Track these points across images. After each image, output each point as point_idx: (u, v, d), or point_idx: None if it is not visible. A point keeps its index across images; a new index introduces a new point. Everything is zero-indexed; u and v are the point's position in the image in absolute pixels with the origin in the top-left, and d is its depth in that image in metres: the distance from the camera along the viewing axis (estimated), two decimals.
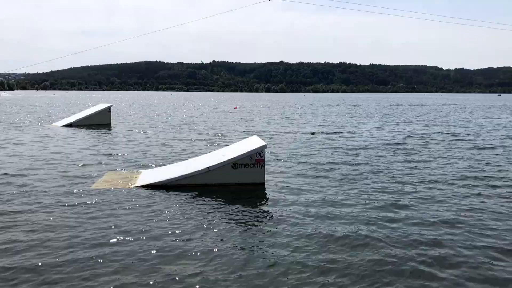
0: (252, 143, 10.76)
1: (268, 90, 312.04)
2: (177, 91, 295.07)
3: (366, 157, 14.21)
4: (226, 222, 7.28)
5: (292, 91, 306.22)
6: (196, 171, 9.79)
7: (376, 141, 18.89)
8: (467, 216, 7.66)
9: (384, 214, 7.71)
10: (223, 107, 56.95)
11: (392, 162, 13.25)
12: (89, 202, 8.23)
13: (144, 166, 12.26)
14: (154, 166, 12.25)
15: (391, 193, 9.24)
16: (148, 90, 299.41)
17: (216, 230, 6.86)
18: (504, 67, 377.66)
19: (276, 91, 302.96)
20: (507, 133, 23.06)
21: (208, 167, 9.79)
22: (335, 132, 22.60)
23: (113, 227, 6.89)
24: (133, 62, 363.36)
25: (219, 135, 21.36)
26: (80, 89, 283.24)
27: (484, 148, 16.52)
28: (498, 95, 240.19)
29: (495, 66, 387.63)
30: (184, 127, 25.90)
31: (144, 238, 6.45)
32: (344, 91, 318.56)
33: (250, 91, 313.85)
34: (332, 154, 14.86)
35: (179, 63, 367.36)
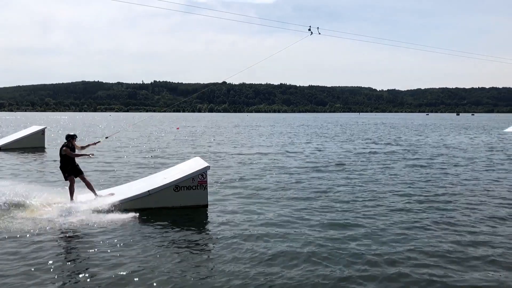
0: (195, 164, 10.69)
1: (211, 110, 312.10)
2: (116, 111, 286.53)
3: (310, 177, 14.57)
4: (166, 247, 7.12)
5: (235, 111, 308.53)
6: (136, 195, 9.53)
7: (319, 161, 19.47)
8: (406, 235, 8.08)
9: (327, 235, 7.90)
10: (164, 128, 56.04)
11: (335, 181, 13.67)
12: (20, 234, 7.68)
13: (82, 191, 11.68)
14: None
15: (335, 213, 9.49)
16: (85, 111, 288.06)
17: (154, 254, 6.70)
18: (431, 88, 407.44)
19: (219, 112, 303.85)
20: (438, 151, 24.71)
21: (148, 191, 9.57)
22: (279, 153, 23.02)
23: (44, 257, 6.50)
24: (70, 82, 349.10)
25: (161, 156, 20.97)
26: (11, 110, 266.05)
27: (421, 166, 17.55)
28: (427, 114, 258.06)
29: (423, 88, 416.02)
30: (124, 149, 25.15)
31: (80, 266, 6.15)
32: (285, 111, 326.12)
33: (193, 111, 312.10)
34: (276, 175, 15.09)
35: (118, 83, 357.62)
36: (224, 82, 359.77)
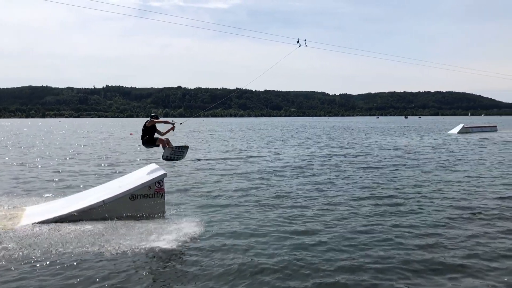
0: (151, 172, 10.40)
1: (166, 115, 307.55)
2: (66, 117, 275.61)
3: (269, 183, 14.54)
4: (120, 262, 6.80)
5: (191, 116, 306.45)
6: (89, 205, 9.09)
7: (277, 165, 19.57)
8: (360, 239, 8.24)
9: (288, 244, 7.83)
10: (118, 134, 54.45)
11: (293, 187, 13.72)
12: None
13: (29, 202, 11.04)
14: (41, 201, 11.09)
15: (294, 220, 9.45)
16: (33, 117, 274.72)
17: (108, 271, 6.41)
18: (380, 92, 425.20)
19: (175, 116, 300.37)
20: (390, 153, 25.58)
21: (103, 200, 9.17)
22: (237, 158, 22.92)
23: None
24: (15, 86, 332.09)
25: (115, 164, 20.29)
26: None
27: (374, 169, 18.09)
28: (377, 117, 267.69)
29: (373, 92, 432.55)
30: (75, 156, 24.12)
31: (32, 284, 5.77)
32: (242, 115, 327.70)
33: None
34: (235, 180, 14.98)
35: (68, 88, 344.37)
36: (179, 87, 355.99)
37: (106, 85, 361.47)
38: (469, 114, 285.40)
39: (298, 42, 12.62)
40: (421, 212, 9.93)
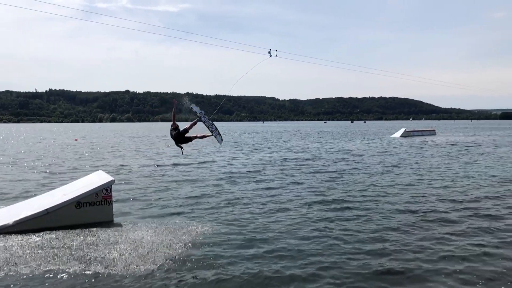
0: (98, 178, 10.10)
1: (113, 120, 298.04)
2: (4, 123, 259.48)
3: (222, 189, 14.48)
4: (69, 274, 6.51)
5: (139, 120, 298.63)
6: (32, 215, 8.65)
7: (230, 170, 19.54)
8: (318, 243, 8.42)
9: (239, 251, 7.91)
10: (62, 140, 52.01)
11: (247, 192, 13.78)
12: None
13: None
14: None
15: (243, 227, 9.44)
16: None
17: (57, 285, 6.12)
18: (327, 98, 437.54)
19: (123, 121, 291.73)
20: (339, 156, 26.34)
21: (46, 209, 8.76)
22: (188, 163, 22.63)
23: None
24: None
25: (59, 171, 19.37)
26: None
27: (325, 172, 18.57)
28: (324, 122, 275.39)
29: (321, 97, 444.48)
30: (14, 164, 22.77)
31: None
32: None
33: (93, 121, 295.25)
34: (186, 187, 14.79)
35: (7, 91, 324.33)
36: (127, 91, 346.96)
37: (49, 89, 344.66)
38: (411, 119, 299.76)
39: (269, 52, 12.82)
40: (368, 216, 10.31)
